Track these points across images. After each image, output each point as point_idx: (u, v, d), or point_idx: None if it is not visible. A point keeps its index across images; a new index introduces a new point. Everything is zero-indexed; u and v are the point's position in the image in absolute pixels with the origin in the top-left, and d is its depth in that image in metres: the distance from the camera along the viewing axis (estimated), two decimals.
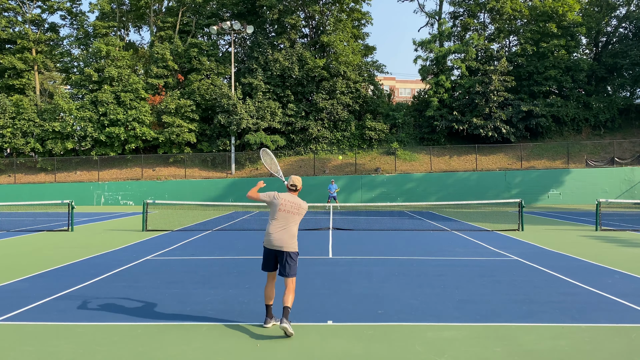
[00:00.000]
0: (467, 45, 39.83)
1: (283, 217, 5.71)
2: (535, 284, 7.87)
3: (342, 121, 39.87)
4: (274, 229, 5.68)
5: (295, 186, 5.89)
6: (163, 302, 6.84)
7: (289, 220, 5.71)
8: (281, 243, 5.62)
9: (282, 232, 5.66)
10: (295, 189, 5.90)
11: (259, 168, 38.48)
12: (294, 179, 5.92)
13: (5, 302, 6.82)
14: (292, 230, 5.72)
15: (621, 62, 40.22)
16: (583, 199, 32.55)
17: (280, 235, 5.64)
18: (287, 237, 5.65)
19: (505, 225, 17.51)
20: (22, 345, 5.11)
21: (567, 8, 39.05)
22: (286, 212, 5.71)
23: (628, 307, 6.49)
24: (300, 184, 5.94)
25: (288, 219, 5.71)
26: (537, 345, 5.05)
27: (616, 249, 11.80)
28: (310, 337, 5.35)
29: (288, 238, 5.65)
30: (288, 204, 5.74)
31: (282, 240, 5.63)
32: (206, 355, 4.84)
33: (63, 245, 12.91)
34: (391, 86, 61.96)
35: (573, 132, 40.03)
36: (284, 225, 5.68)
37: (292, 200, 5.78)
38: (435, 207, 29.75)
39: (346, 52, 39.59)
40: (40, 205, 32.08)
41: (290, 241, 5.66)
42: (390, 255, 10.97)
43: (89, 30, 44.38)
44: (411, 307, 6.53)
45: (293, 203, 5.76)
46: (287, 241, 5.64)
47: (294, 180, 5.91)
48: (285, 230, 5.67)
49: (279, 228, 5.67)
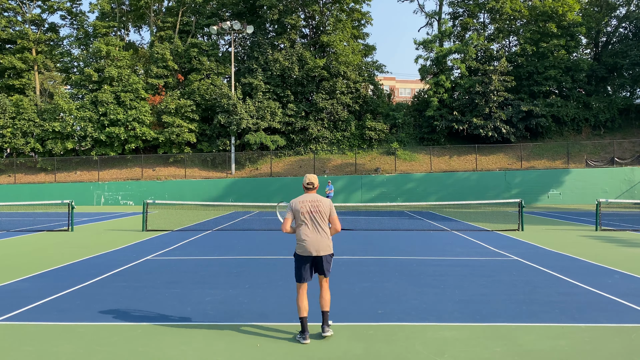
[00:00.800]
0: (467, 45, 39.85)
1: (309, 219, 5.35)
2: (535, 284, 7.87)
3: (342, 121, 39.88)
4: (305, 234, 5.33)
5: (312, 184, 5.53)
6: (163, 302, 6.83)
7: (317, 220, 5.35)
8: (317, 247, 5.29)
9: (315, 235, 5.32)
10: (313, 187, 5.53)
11: (258, 168, 38.48)
12: (309, 177, 5.55)
13: (5, 302, 6.82)
14: (325, 230, 5.38)
15: (621, 62, 40.23)
16: (583, 199, 32.55)
17: (314, 239, 5.30)
18: (322, 238, 5.33)
19: (505, 225, 17.51)
20: (22, 345, 5.11)
21: (567, 8, 39.06)
22: (309, 212, 5.36)
23: (628, 307, 6.49)
24: (317, 181, 5.58)
25: (315, 219, 5.35)
26: (537, 345, 5.05)
27: (616, 249, 11.80)
28: (311, 337, 5.34)
29: (323, 239, 5.33)
30: (307, 204, 5.39)
31: (317, 243, 5.30)
32: (206, 355, 4.83)
33: (63, 245, 12.91)
34: (391, 86, 61.98)
35: (573, 132, 40.03)
36: (314, 228, 5.33)
37: (310, 199, 5.44)
38: (435, 207, 29.74)
39: (346, 52, 39.61)
40: (40, 205, 32.08)
41: (325, 242, 5.34)
42: (390, 255, 10.97)
43: (89, 30, 44.40)
44: (411, 307, 6.53)
45: (312, 201, 5.41)
46: (323, 243, 5.32)
47: (309, 178, 5.54)
48: (318, 232, 5.33)
49: (310, 231, 5.32)
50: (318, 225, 5.34)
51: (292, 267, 9.33)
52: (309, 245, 5.28)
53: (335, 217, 5.50)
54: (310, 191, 5.54)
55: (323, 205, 5.42)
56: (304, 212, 5.36)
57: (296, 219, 5.43)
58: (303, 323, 5.23)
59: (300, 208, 5.37)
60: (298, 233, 5.39)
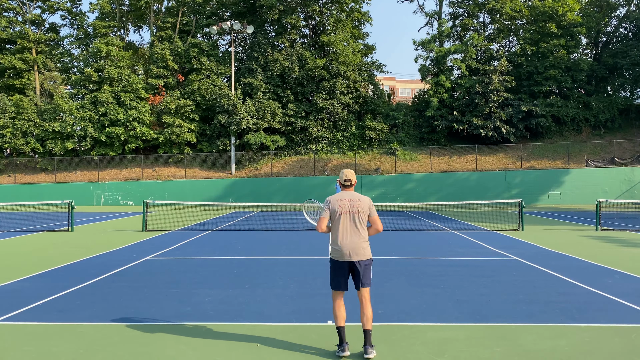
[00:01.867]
0: (467, 45, 39.85)
1: (346, 220, 4.89)
2: (535, 284, 7.87)
3: (342, 121, 39.88)
4: (341, 237, 4.86)
5: (349, 181, 5.04)
6: (163, 302, 6.83)
7: (356, 221, 4.88)
8: (354, 251, 4.83)
9: (352, 238, 4.85)
10: (350, 184, 5.05)
11: (258, 168, 38.48)
12: (347, 173, 5.06)
13: (5, 302, 6.82)
14: (363, 233, 4.90)
15: (621, 62, 40.23)
16: (583, 199, 32.55)
17: (351, 243, 4.84)
18: (359, 242, 4.86)
19: (505, 225, 17.51)
20: (22, 345, 5.11)
21: (567, 8, 39.06)
22: (347, 213, 4.90)
23: (628, 307, 6.49)
24: (354, 177, 5.09)
25: (355, 221, 4.89)
26: (537, 345, 5.05)
27: (616, 249, 11.80)
28: (311, 337, 5.35)
29: (360, 243, 4.87)
30: (346, 204, 4.92)
31: (354, 248, 4.83)
32: (206, 355, 4.83)
33: (63, 245, 12.91)
34: (391, 86, 62.00)
35: (573, 132, 40.04)
36: (352, 230, 4.87)
37: (349, 197, 4.96)
38: (435, 207, 29.75)
39: (346, 52, 39.61)
40: (40, 205, 32.08)
41: (363, 246, 4.88)
42: (390, 255, 10.97)
43: (89, 30, 44.42)
44: (411, 307, 6.53)
45: (351, 200, 4.94)
46: (360, 247, 4.86)
47: (346, 175, 5.05)
48: (355, 235, 4.86)
49: (347, 234, 4.86)
50: (356, 227, 4.89)
51: (292, 268, 9.37)
52: (345, 248, 4.84)
53: (377, 217, 5.04)
54: (348, 189, 5.06)
55: (363, 204, 4.95)
56: (343, 212, 4.90)
57: (332, 219, 4.98)
58: (340, 334, 4.82)
59: (339, 207, 4.91)
60: (334, 235, 4.93)
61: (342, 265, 4.90)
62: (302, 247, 12.32)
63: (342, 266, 4.90)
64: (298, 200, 32.22)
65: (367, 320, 4.85)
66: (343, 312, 4.90)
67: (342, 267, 4.91)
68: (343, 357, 4.76)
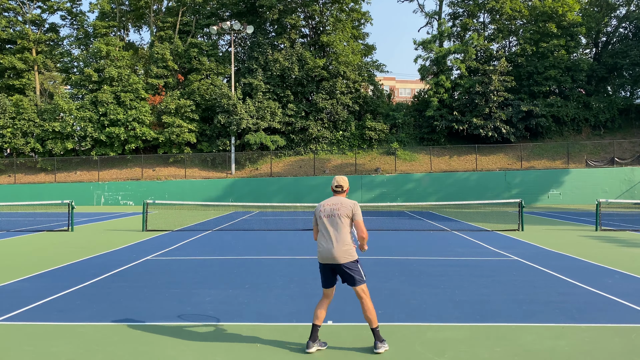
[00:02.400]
0: (467, 45, 39.86)
1: (326, 224, 4.94)
2: (535, 284, 7.87)
3: (342, 121, 39.89)
4: (321, 241, 4.97)
5: (340, 187, 5.10)
6: (163, 302, 6.83)
7: (334, 224, 4.91)
8: (333, 255, 4.85)
9: (331, 242, 4.88)
10: (341, 190, 5.10)
11: (258, 168, 38.48)
12: (338, 179, 5.13)
13: (5, 302, 6.82)
14: (343, 236, 4.89)
15: (621, 62, 40.23)
16: (583, 199, 32.55)
17: (330, 246, 4.88)
18: (339, 245, 4.86)
19: (505, 225, 17.51)
20: (22, 345, 5.11)
21: (567, 8, 39.07)
22: (327, 217, 4.96)
23: (628, 307, 6.49)
24: (346, 183, 5.13)
25: (333, 224, 4.92)
26: (537, 345, 5.05)
27: (616, 249, 11.80)
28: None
29: (340, 246, 4.86)
30: (327, 208, 4.99)
31: (333, 251, 4.85)
32: (206, 355, 4.83)
33: (63, 245, 12.91)
34: (391, 86, 62.00)
35: (573, 132, 40.04)
36: (331, 234, 4.90)
37: (332, 201, 5.02)
38: (435, 207, 29.74)
39: (346, 52, 39.61)
40: (40, 205, 32.08)
41: (342, 249, 4.86)
42: (390, 255, 10.97)
43: (89, 30, 44.41)
44: (411, 307, 6.53)
45: (333, 204, 4.99)
46: (340, 250, 4.85)
47: (337, 180, 5.12)
48: (334, 239, 4.88)
49: (327, 238, 4.91)
50: (335, 231, 4.90)
51: (292, 268, 9.39)
52: (324, 252, 4.91)
53: (360, 221, 4.95)
54: (338, 194, 5.11)
55: (343, 208, 4.93)
56: (324, 217, 4.98)
57: (317, 224, 5.10)
58: (313, 331, 4.91)
59: (321, 212, 5.03)
60: (318, 238, 5.05)
61: (325, 267, 4.99)
62: (302, 247, 12.32)
63: (325, 268, 5.00)
64: (298, 200, 32.23)
65: (369, 319, 4.87)
66: (322, 312, 4.96)
67: (325, 269, 5.00)
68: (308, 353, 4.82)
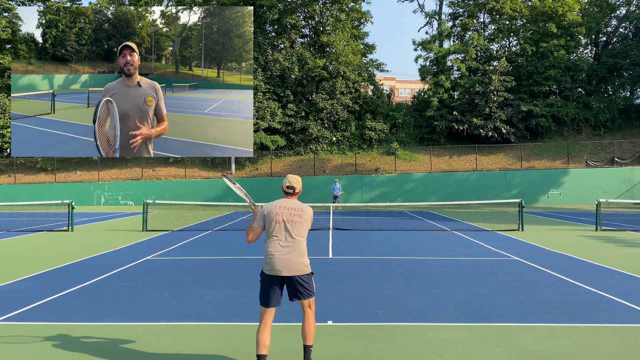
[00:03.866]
0: (467, 45, 39.85)
1: (283, 230, 4.35)
2: (535, 284, 7.87)
3: (342, 121, 39.89)
4: (274, 248, 4.32)
5: (292, 188, 4.50)
6: (163, 302, 6.83)
7: (292, 232, 4.36)
8: (288, 266, 4.28)
9: (287, 251, 4.31)
10: (293, 192, 4.52)
11: (258, 168, 38.49)
12: (291, 179, 4.52)
13: (5, 302, 6.82)
14: (300, 246, 4.37)
15: (621, 62, 40.23)
16: (583, 199, 32.55)
17: (285, 256, 4.29)
18: (295, 256, 4.31)
19: (505, 225, 17.51)
20: (22, 345, 5.11)
21: (567, 8, 39.07)
22: (285, 222, 4.36)
23: (628, 307, 6.49)
24: (299, 184, 4.55)
25: (291, 231, 4.35)
26: (537, 345, 5.05)
27: (616, 249, 11.80)
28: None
29: (296, 257, 4.32)
30: (285, 212, 4.38)
31: (288, 261, 4.28)
32: (206, 355, 4.83)
33: (63, 245, 12.91)
34: (391, 86, 61.95)
35: (573, 132, 40.05)
36: (287, 242, 4.33)
37: (289, 205, 4.43)
38: (435, 207, 29.74)
39: (346, 52, 39.61)
40: (40, 205, 32.06)
41: (299, 261, 4.33)
42: (390, 255, 10.97)
43: None
44: (411, 307, 6.53)
45: (292, 209, 4.41)
46: (296, 262, 4.31)
47: (290, 180, 4.51)
48: (291, 248, 4.32)
49: (282, 246, 4.32)
50: (293, 239, 4.34)
51: None
52: (278, 262, 4.28)
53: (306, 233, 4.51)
54: (290, 196, 4.52)
55: (305, 215, 4.43)
56: (281, 222, 4.36)
57: (267, 229, 4.43)
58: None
59: (275, 215, 4.37)
60: (267, 246, 4.39)
61: (274, 279, 4.34)
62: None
63: (273, 280, 4.34)
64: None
65: (308, 334, 4.38)
66: (267, 338, 4.32)
67: (273, 282, 4.34)
68: None
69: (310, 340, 4.40)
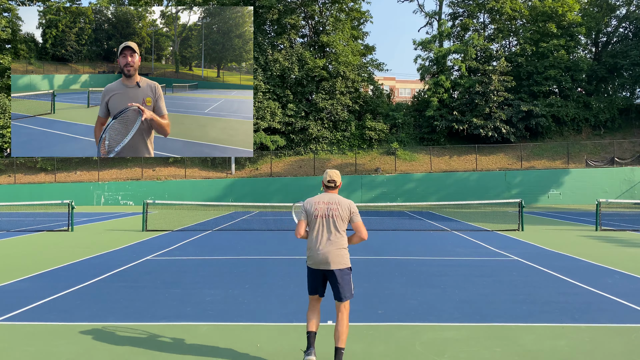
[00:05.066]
0: (467, 45, 39.86)
1: (321, 224, 4.49)
2: (535, 284, 7.87)
3: (342, 121, 39.89)
4: (315, 243, 4.49)
5: (333, 182, 4.63)
6: (163, 302, 6.83)
7: (331, 226, 4.48)
8: (328, 259, 4.44)
9: (327, 245, 4.46)
10: (334, 186, 4.65)
11: (258, 168, 38.49)
12: (331, 173, 4.65)
13: (5, 302, 6.82)
14: (339, 239, 4.50)
15: (621, 62, 40.24)
16: (583, 199, 32.55)
17: (325, 249, 4.45)
18: (333, 249, 4.46)
19: (506, 225, 17.50)
20: (22, 345, 5.11)
21: (566, 8, 39.09)
22: (323, 217, 4.50)
23: (628, 307, 6.49)
24: (339, 178, 4.68)
25: (329, 226, 4.48)
26: (537, 345, 5.05)
27: (616, 249, 11.80)
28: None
29: (334, 251, 4.46)
30: (323, 207, 4.52)
31: (328, 255, 4.44)
32: (206, 355, 4.83)
33: (63, 245, 12.91)
34: (391, 86, 61.93)
35: (573, 132, 40.05)
36: (326, 235, 4.48)
37: (327, 200, 4.56)
38: (435, 207, 29.75)
39: (346, 52, 39.62)
40: (40, 205, 32.06)
41: (337, 254, 4.47)
42: (390, 255, 10.97)
43: None
44: (411, 307, 6.53)
45: (330, 203, 4.53)
46: (335, 254, 4.46)
47: (330, 175, 4.64)
48: (330, 242, 4.46)
49: (321, 240, 4.47)
50: (332, 233, 4.49)
51: (293, 268, 9.37)
52: (318, 256, 4.46)
53: (360, 222, 4.63)
54: (331, 190, 4.65)
55: (342, 208, 4.52)
56: (320, 216, 4.51)
57: (308, 224, 4.60)
58: (309, 339, 4.48)
59: (314, 210, 4.53)
60: (308, 241, 4.59)
61: (316, 273, 4.54)
62: (302, 247, 12.31)
63: (316, 273, 4.54)
64: (298, 200, 32.23)
65: (340, 336, 4.42)
66: (315, 318, 4.56)
67: (317, 275, 4.54)
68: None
69: (341, 342, 4.43)
